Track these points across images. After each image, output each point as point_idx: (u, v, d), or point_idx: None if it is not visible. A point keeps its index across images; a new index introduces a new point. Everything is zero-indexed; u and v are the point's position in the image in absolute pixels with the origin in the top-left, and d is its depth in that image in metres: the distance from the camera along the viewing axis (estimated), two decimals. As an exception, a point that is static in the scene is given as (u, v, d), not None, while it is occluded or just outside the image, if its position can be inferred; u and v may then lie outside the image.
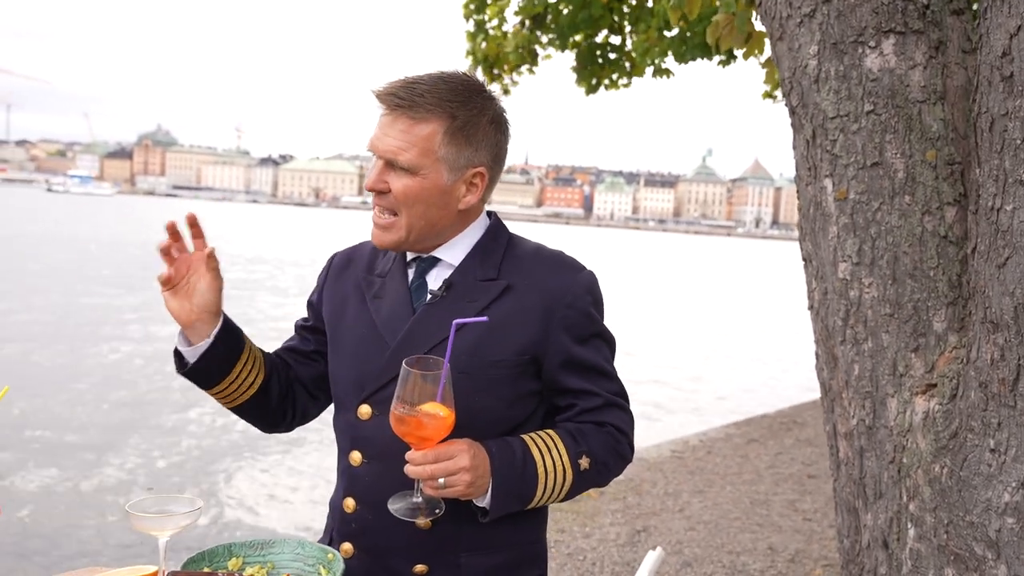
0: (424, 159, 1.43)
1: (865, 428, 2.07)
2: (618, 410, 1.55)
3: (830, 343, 2.20)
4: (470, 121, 1.46)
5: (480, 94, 1.49)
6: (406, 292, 1.54)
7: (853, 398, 2.11)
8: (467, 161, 1.47)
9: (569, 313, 1.49)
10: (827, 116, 2.07)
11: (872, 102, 2.00)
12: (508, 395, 1.49)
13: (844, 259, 2.07)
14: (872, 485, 2.08)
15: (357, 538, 1.55)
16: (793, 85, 2.17)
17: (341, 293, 1.64)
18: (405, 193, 1.45)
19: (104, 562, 5.26)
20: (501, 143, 1.53)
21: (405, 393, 1.33)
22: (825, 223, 2.12)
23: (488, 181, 1.52)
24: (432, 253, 1.55)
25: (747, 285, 37.90)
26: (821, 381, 2.30)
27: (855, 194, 2.03)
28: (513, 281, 1.50)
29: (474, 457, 1.39)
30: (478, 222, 1.57)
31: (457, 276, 1.52)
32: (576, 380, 1.51)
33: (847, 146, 2.04)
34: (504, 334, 1.47)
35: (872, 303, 2.02)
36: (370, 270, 1.63)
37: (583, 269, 1.55)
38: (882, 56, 2.01)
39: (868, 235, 2.02)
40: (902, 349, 1.97)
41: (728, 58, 7.53)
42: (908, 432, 1.95)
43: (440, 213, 1.49)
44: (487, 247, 1.54)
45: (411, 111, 1.43)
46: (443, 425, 1.35)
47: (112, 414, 8.84)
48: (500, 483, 1.42)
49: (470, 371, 1.46)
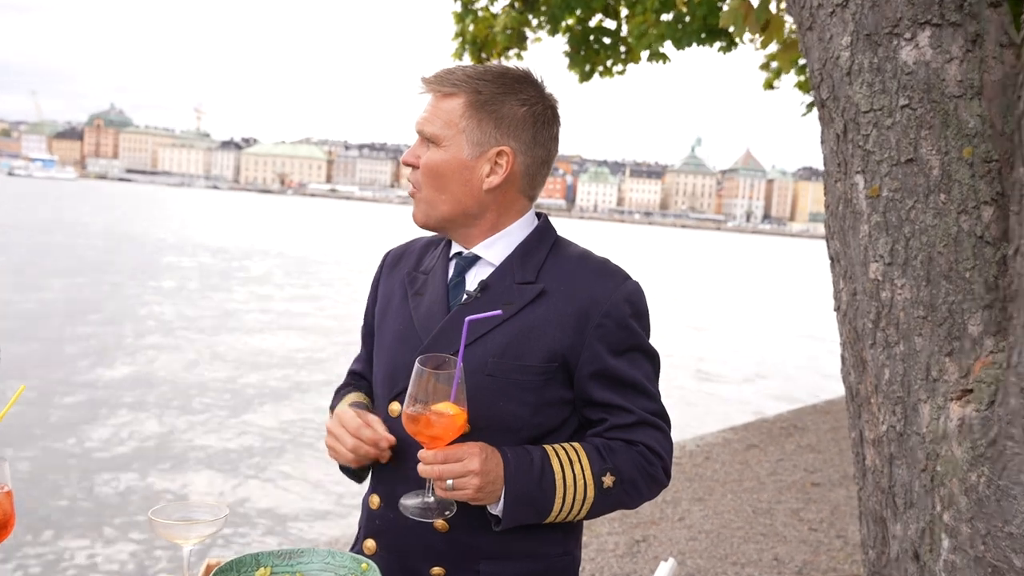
0: (446, 130, 1.52)
1: (896, 435, 2.12)
2: (653, 430, 1.55)
3: (858, 346, 2.24)
4: (495, 98, 1.51)
5: (517, 79, 1.54)
6: (444, 290, 1.58)
7: (883, 403, 2.15)
8: (489, 138, 1.52)
9: (605, 322, 1.51)
10: (860, 110, 2.11)
11: (907, 96, 2.04)
12: (534, 401, 1.51)
13: (875, 259, 2.11)
14: (902, 494, 2.12)
15: (380, 536, 1.60)
16: (823, 77, 2.20)
17: (389, 290, 1.70)
18: (427, 164, 1.54)
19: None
20: (539, 133, 1.56)
21: (417, 391, 1.39)
22: (855, 221, 2.16)
23: (520, 168, 1.55)
24: (472, 250, 1.58)
25: (739, 282, 38.18)
26: (847, 386, 2.35)
27: (888, 191, 2.07)
28: (551, 286, 1.53)
29: (485, 461, 1.42)
30: (523, 221, 1.60)
31: (494, 277, 1.55)
32: (607, 393, 1.53)
33: (880, 141, 2.08)
34: (535, 339, 1.50)
35: (905, 305, 2.06)
36: (417, 266, 1.68)
37: (627, 278, 1.57)
38: (917, 49, 2.05)
39: (901, 234, 2.06)
40: (936, 353, 2.01)
41: (729, 45, 7.58)
42: (942, 439, 1.99)
43: (462, 190, 1.53)
44: (530, 248, 1.57)
45: (440, 87, 1.53)
46: (454, 425, 1.39)
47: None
48: (514, 491, 1.45)
49: (496, 374, 1.49)
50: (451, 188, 1.53)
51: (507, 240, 1.58)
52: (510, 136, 1.53)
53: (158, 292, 18.56)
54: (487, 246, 1.58)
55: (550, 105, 1.58)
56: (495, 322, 1.50)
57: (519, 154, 1.54)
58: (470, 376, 1.48)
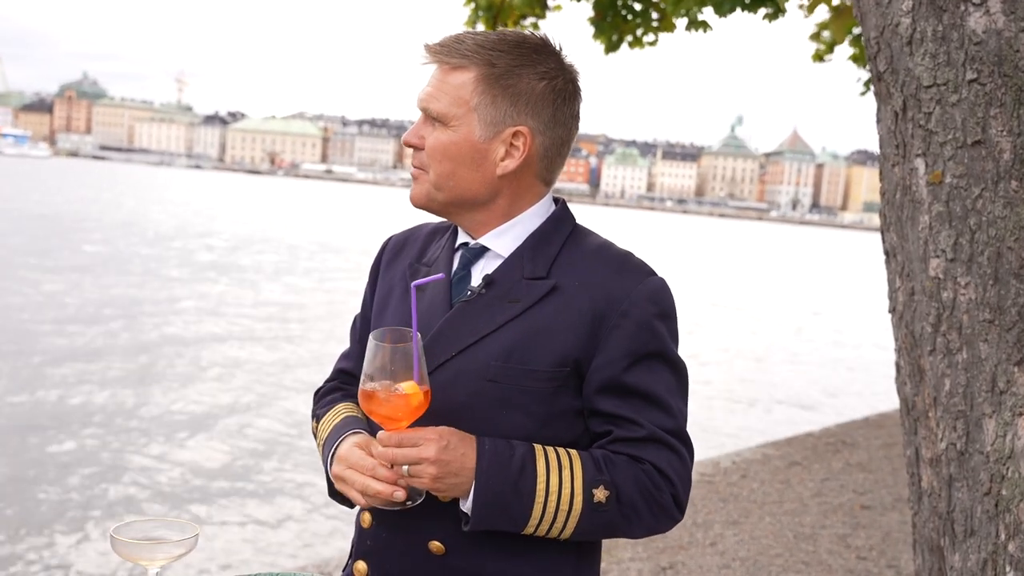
0: (455, 108, 1.50)
1: (956, 454, 2.10)
2: (665, 450, 1.49)
3: (916, 353, 2.22)
4: (511, 71, 1.50)
5: (536, 49, 1.53)
6: (447, 285, 1.57)
7: (942, 418, 2.13)
8: (504, 117, 1.50)
9: (623, 323, 1.48)
10: (921, 84, 2.08)
11: (975, 69, 2.01)
12: (540, 412, 1.49)
13: (936, 254, 2.09)
14: (962, 520, 2.10)
15: (371, 557, 1.60)
16: (880, 47, 2.18)
17: (390, 282, 1.70)
18: (434, 146, 1.52)
19: None
20: (560, 110, 1.54)
21: (372, 369, 1.42)
22: (914, 211, 2.14)
23: (538, 150, 1.54)
24: (480, 241, 1.57)
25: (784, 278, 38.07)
26: (902, 397, 2.33)
27: (952, 177, 2.05)
28: (563, 281, 1.51)
29: (444, 450, 1.41)
30: (537, 208, 1.58)
31: (501, 271, 1.54)
32: (615, 404, 1.49)
33: (944, 120, 2.05)
34: (544, 341, 1.48)
35: (968, 307, 2.04)
36: (420, 256, 1.67)
37: (651, 274, 1.55)
38: (988, 15, 2.02)
39: (966, 226, 2.03)
40: (1003, 362, 1.99)
41: (776, 11, 7.53)
42: (1008, 459, 1.97)
43: (472, 175, 1.52)
44: (543, 239, 1.56)
45: (448, 58, 1.51)
46: (408, 404, 1.41)
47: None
48: (484, 488, 1.43)
49: (499, 379, 1.48)
50: (460, 172, 1.52)
51: (518, 229, 1.57)
52: (528, 114, 1.51)
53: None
54: (496, 236, 1.56)
55: (571, 78, 1.56)
56: (503, 318, 1.49)
57: (537, 134, 1.53)
58: (471, 382, 1.48)
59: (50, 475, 7.53)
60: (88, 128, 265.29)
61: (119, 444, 8.51)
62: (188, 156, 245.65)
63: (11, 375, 10.56)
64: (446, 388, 1.47)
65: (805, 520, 6.07)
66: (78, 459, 8.00)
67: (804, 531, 5.84)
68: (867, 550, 5.54)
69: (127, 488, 7.43)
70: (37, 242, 24.87)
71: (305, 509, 7.27)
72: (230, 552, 6.32)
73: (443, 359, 1.49)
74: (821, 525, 5.98)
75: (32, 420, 8.97)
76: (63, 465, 7.79)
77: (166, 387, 10.80)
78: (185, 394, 10.54)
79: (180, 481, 7.74)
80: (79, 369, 11.13)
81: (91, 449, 8.27)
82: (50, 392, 10.02)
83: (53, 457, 7.99)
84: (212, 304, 17.34)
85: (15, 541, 6.19)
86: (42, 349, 12.01)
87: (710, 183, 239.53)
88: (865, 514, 6.26)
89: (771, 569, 5.15)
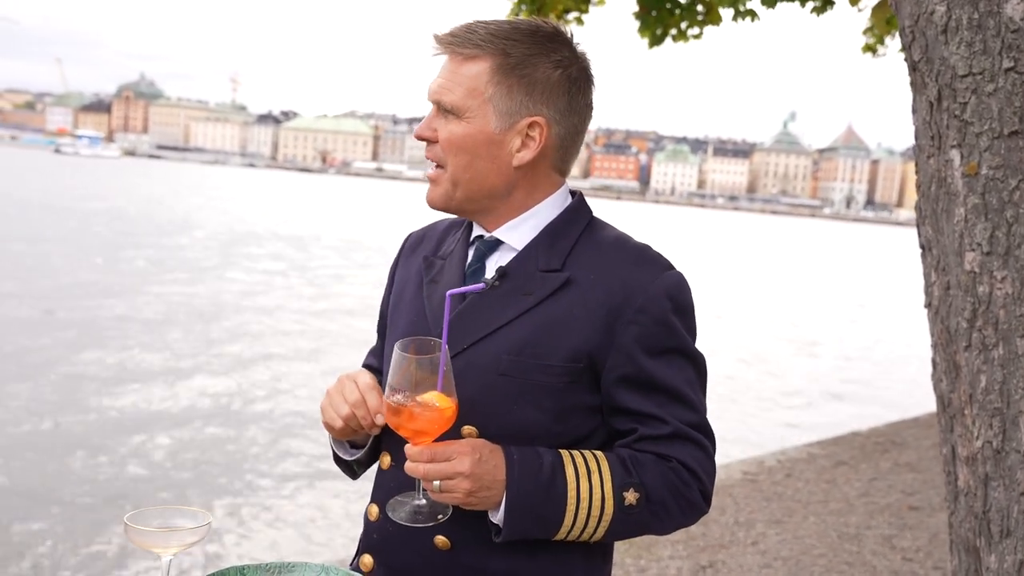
0: (469, 100, 1.49)
1: (992, 452, 2.05)
2: (691, 445, 1.49)
3: (951, 349, 2.17)
4: (526, 61, 1.49)
5: (550, 37, 1.52)
6: (460, 278, 1.57)
7: (978, 415, 2.08)
8: (520, 107, 1.49)
9: (640, 318, 1.47)
10: (956, 74, 2.03)
11: (1012, 58, 1.96)
12: (553, 407, 1.48)
13: (972, 248, 2.04)
14: (999, 520, 2.05)
15: (377, 551, 1.60)
16: (915, 35, 2.13)
17: (406, 276, 1.70)
18: (448, 140, 1.51)
19: None
20: (575, 99, 1.54)
21: (398, 380, 1.39)
22: (950, 204, 2.09)
23: (554, 140, 1.53)
24: (494, 233, 1.57)
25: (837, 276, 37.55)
26: (938, 394, 2.28)
27: (988, 169, 2.00)
28: (578, 274, 1.50)
29: (478, 463, 1.40)
30: (553, 199, 1.58)
31: (515, 264, 1.53)
32: (638, 400, 1.48)
33: (980, 110, 2.00)
34: (557, 334, 1.47)
35: (1005, 301, 1.99)
36: (436, 250, 1.67)
37: (668, 267, 1.53)
38: (1026, 2, 1.96)
39: (1003, 219, 1.98)
40: (1041, 358, 1.94)
41: (824, 3, 7.44)
42: (1046, 458, 1.92)
43: (489, 167, 1.51)
44: (558, 231, 1.55)
45: (461, 48, 1.50)
46: (439, 418, 1.38)
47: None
48: (515, 499, 1.42)
49: (511, 374, 1.47)
50: (477, 165, 1.51)
51: (533, 221, 1.56)
52: (544, 104, 1.50)
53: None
54: (510, 228, 1.55)
55: (584, 67, 1.56)
56: (516, 311, 1.48)
57: (553, 124, 1.52)
58: (481, 376, 1.47)
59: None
60: (145, 128, 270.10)
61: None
62: (242, 155, 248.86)
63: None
64: (456, 382, 1.45)
65: (850, 520, 5.98)
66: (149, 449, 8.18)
67: (849, 531, 5.76)
68: (913, 551, 5.44)
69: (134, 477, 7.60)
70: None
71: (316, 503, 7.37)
72: (240, 543, 6.42)
73: (454, 353, 1.47)
74: (867, 526, 5.89)
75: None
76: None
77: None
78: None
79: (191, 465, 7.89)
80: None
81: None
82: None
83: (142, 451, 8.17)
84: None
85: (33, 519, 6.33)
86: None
87: (762, 180, 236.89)
88: (913, 515, 6.15)
89: (813, 569, 5.08)
